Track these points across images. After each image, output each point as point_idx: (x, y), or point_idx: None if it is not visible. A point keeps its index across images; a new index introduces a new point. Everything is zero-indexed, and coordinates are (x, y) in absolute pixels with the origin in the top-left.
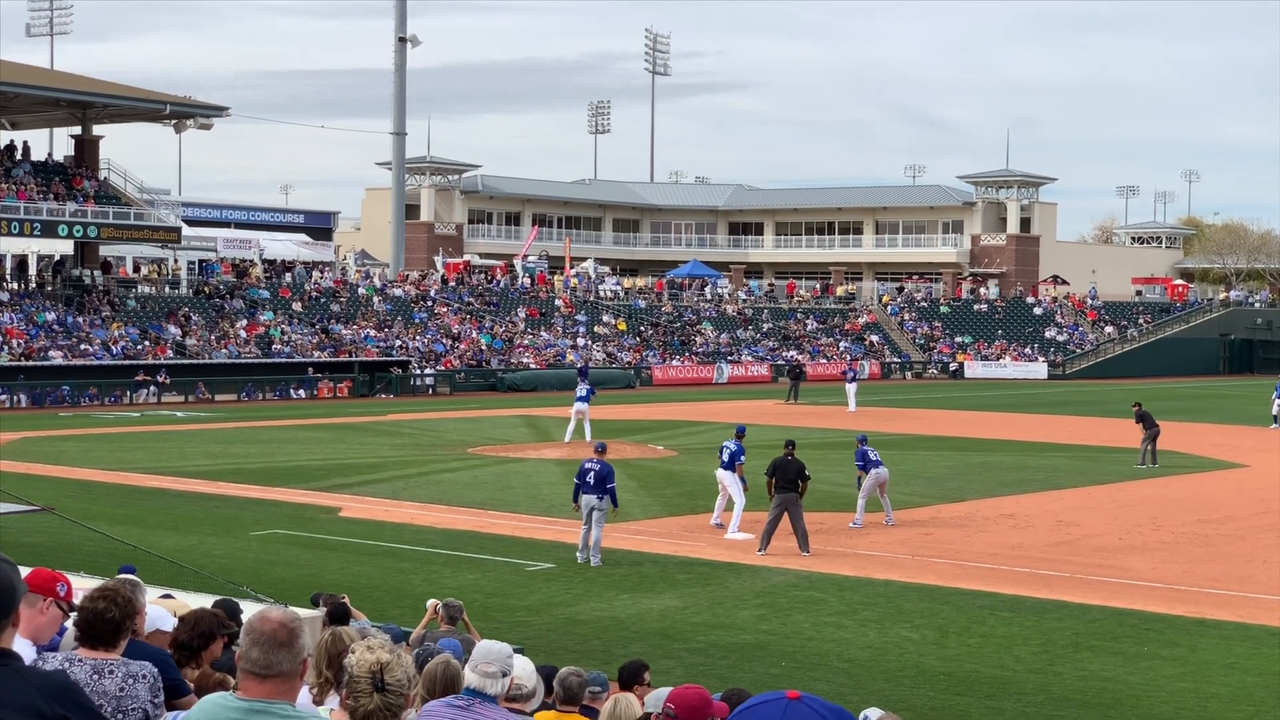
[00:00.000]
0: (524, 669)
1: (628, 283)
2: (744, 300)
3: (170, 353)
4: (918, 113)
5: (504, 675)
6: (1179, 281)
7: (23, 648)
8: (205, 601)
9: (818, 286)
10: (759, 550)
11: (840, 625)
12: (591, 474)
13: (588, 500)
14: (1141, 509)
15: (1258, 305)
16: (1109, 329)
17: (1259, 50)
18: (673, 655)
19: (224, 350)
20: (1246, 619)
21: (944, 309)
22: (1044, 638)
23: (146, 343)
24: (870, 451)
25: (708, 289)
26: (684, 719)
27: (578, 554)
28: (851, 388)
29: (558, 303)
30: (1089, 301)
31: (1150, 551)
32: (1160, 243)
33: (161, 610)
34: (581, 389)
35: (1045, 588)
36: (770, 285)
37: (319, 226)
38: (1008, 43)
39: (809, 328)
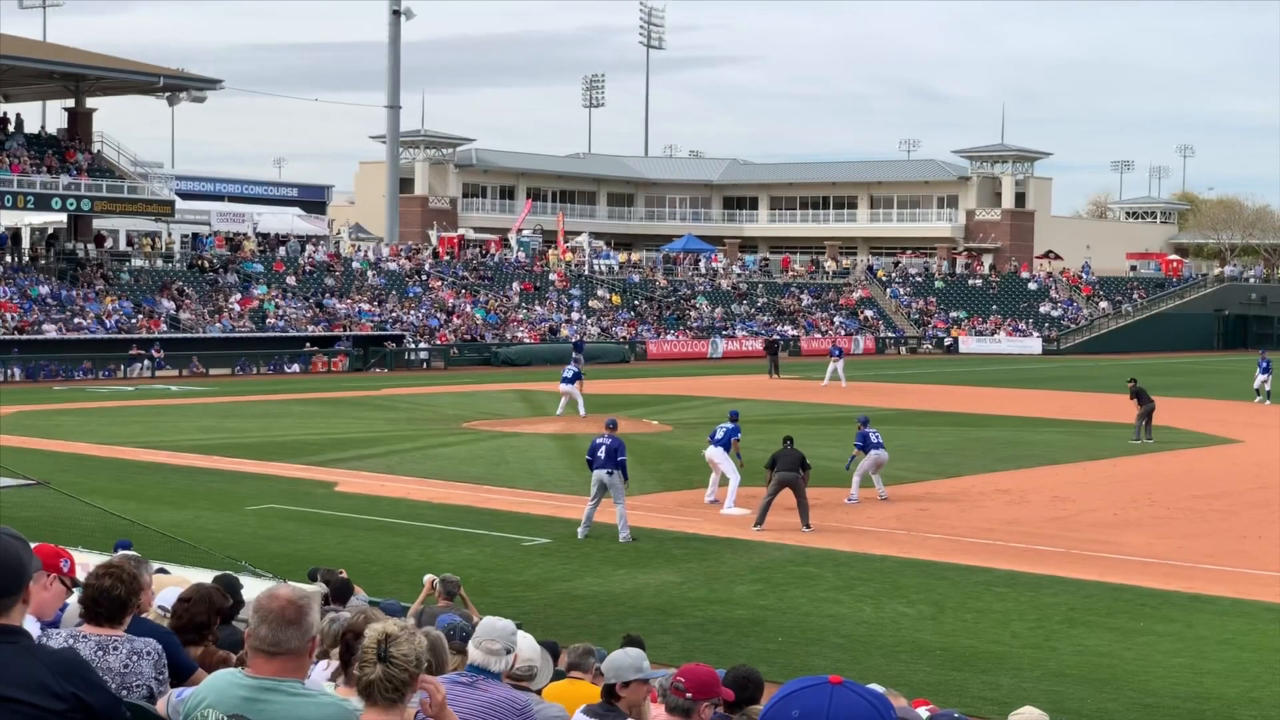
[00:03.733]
0: (530, 646)
1: (623, 257)
2: (738, 275)
3: (164, 326)
4: (915, 86)
5: (508, 652)
6: (1173, 257)
7: (28, 624)
8: (204, 577)
9: (812, 261)
10: (755, 525)
11: (837, 601)
12: (603, 448)
13: (598, 475)
14: (1137, 485)
15: (1252, 281)
16: (1103, 304)
17: (1256, 24)
18: (670, 631)
19: (218, 324)
20: (1242, 595)
21: (938, 284)
22: (1040, 613)
23: (140, 316)
24: (872, 433)
25: (702, 263)
26: (694, 694)
27: (579, 530)
28: (839, 364)
29: (552, 277)
30: (1083, 277)
31: (1146, 527)
32: (1155, 218)
33: (176, 590)
34: (568, 370)
35: (1041, 563)
36: (765, 260)
37: (313, 200)
38: (1006, 16)
39: (803, 303)
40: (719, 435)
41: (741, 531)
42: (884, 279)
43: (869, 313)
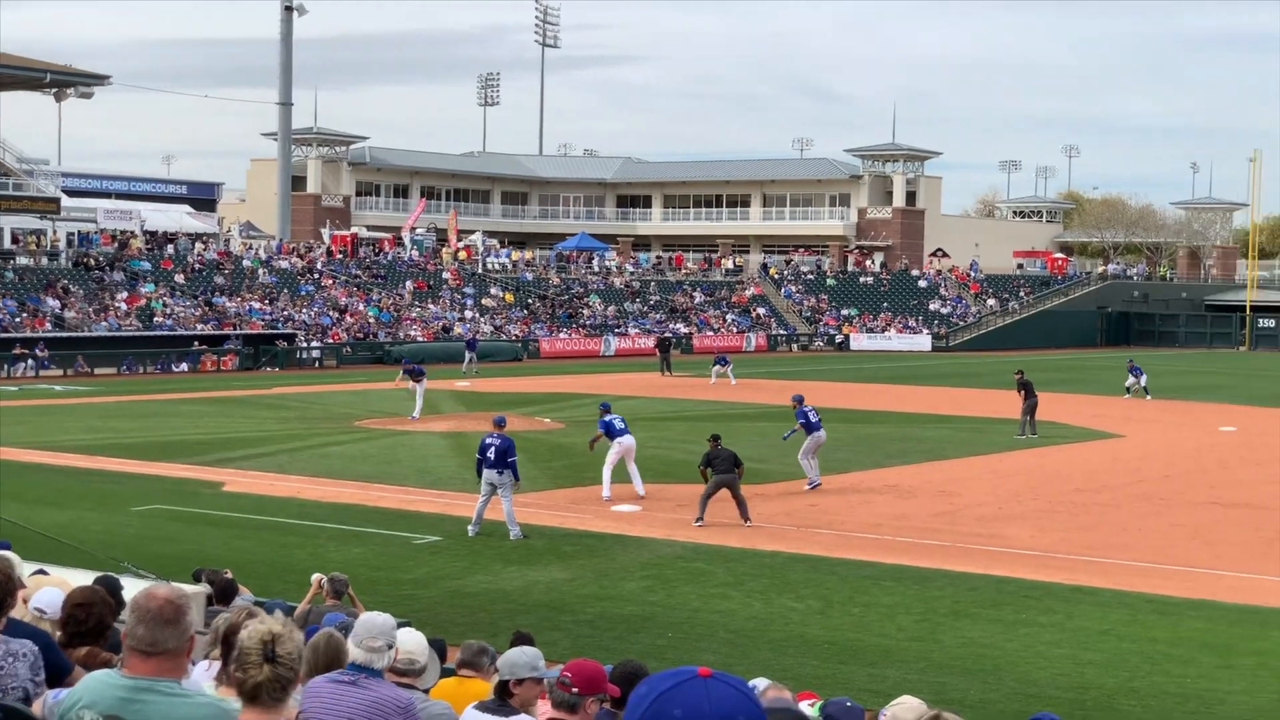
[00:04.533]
0: (417, 644)
1: (516, 255)
2: (632, 273)
3: (49, 325)
4: (809, 86)
5: (389, 649)
6: (1059, 255)
7: None
8: (85, 578)
9: (705, 259)
10: (697, 520)
11: (726, 596)
12: (492, 449)
13: (488, 475)
14: (1021, 479)
15: (1135, 279)
16: (991, 301)
17: (1143, 27)
18: (560, 627)
19: (104, 323)
20: (1123, 586)
21: (830, 281)
22: (925, 606)
23: (24, 315)
24: (811, 412)
25: (595, 261)
26: (580, 689)
27: (469, 528)
28: (727, 369)
29: (445, 275)
30: (972, 274)
31: (1029, 520)
32: (1041, 217)
33: (55, 591)
34: (415, 369)
35: (927, 557)
36: (658, 258)
37: (202, 198)
38: (899, 17)
39: (696, 301)
40: (620, 424)
41: (632, 528)
42: (776, 277)
43: (761, 310)
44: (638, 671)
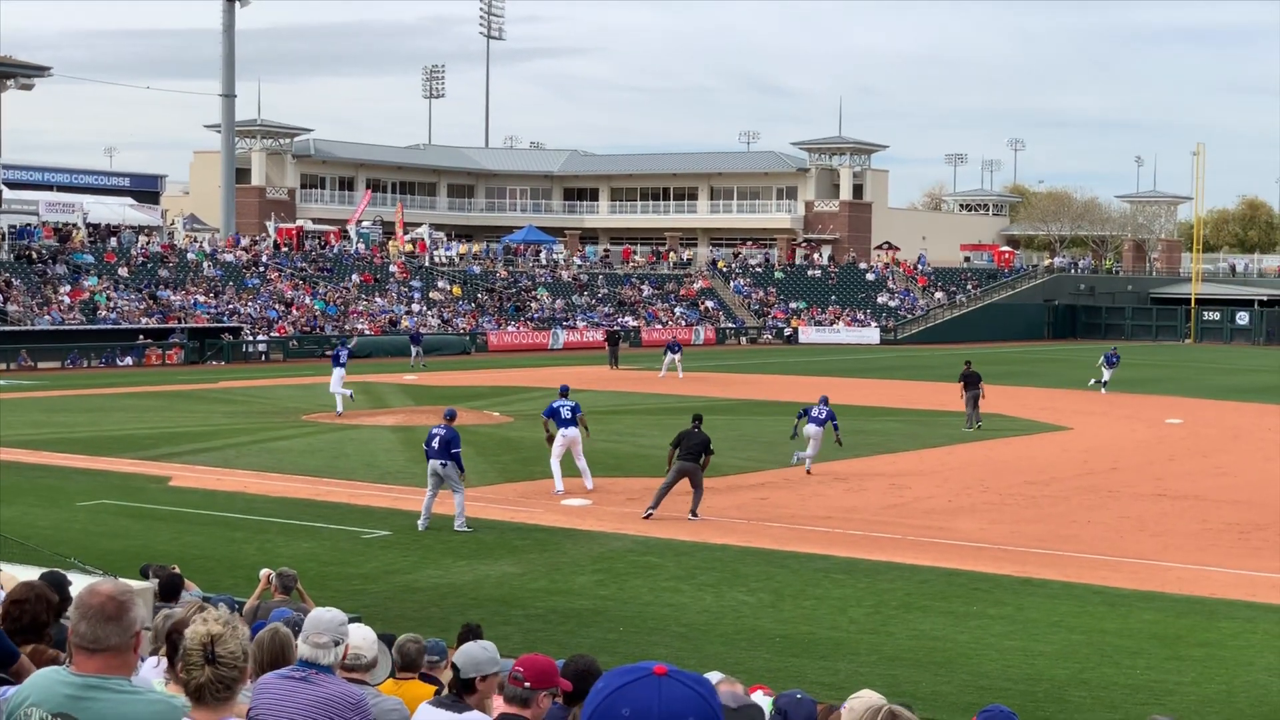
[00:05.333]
0: (364, 638)
1: (463, 248)
2: (579, 266)
3: None
4: (756, 79)
5: (336, 644)
6: (1005, 248)
7: None
8: (31, 574)
9: (653, 252)
10: (649, 510)
11: (677, 590)
12: (437, 439)
13: (432, 465)
14: (970, 471)
15: (1081, 272)
16: (939, 294)
17: (1088, 22)
18: (511, 621)
19: (47, 317)
20: (1071, 578)
21: (778, 274)
22: (877, 599)
23: None
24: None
25: (543, 255)
26: (532, 683)
27: (419, 521)
28: (676, 357)
29: (392, 268)
30: (919, 267)
31: (979, 513)
32: (987, 210)
33: None
34: (343, 354)
35: (878, 550)
36: (606, 251)
37: (146, 190)
38: (847, 10)
39: (644, 294)
40: (566, 414)
41: (583, 522)
42: (724, 270)
43: (709, 303)
44: (589, 666)
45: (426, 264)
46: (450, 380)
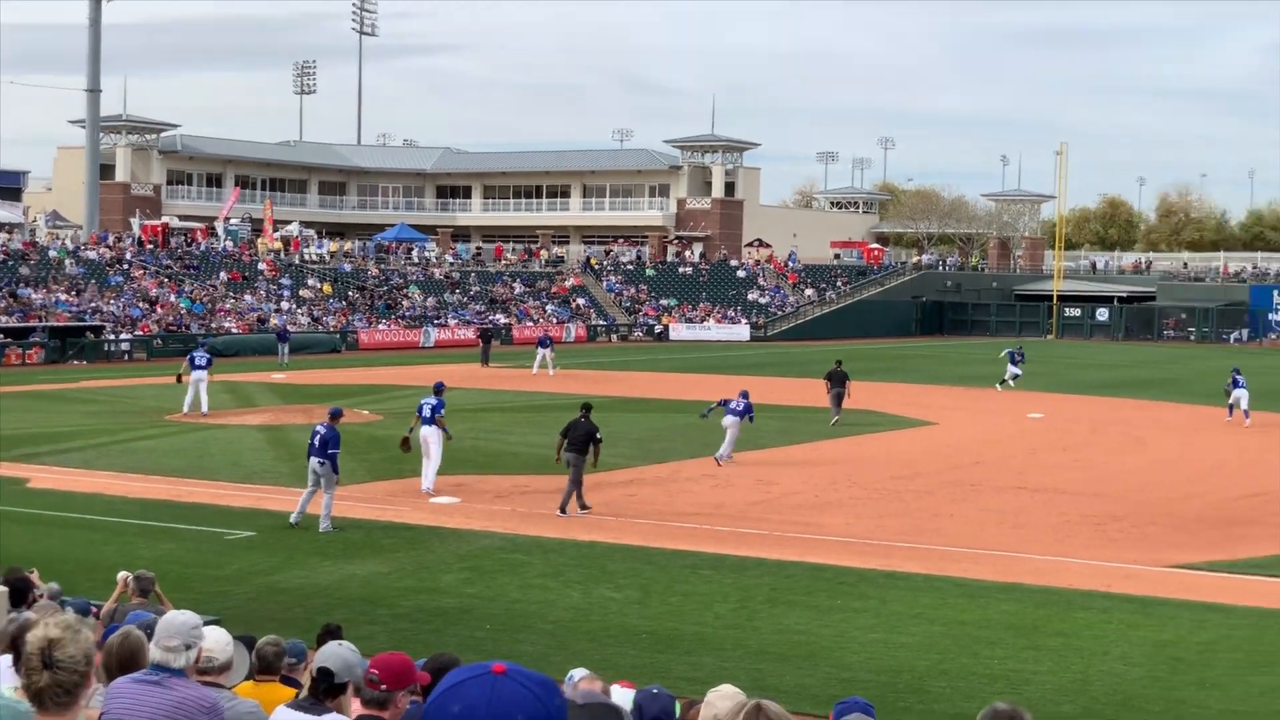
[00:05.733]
0: (217, 641)
1: (334, 246)
2: (451, 264)
3: None
4: (630, 77)
5: (189, 648)
6: (875, 245)
7: None
8: None
9: (525, 250)
10: (581, 511)
11: (545, 587)
12: (318, 437)
13: (311, 463)
14: (837, 467)
15: (948, 269)
16: (809, 291)
17: (958, 23)
18: (377, 621)
19: None
20: (934, 571)
21: (650, 272)
22: (743, 594)
23: None
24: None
25: (415, 252)
26: (389, 685)
27: (291, 515)
28: (548, 353)
29: (261, 266)
30: (790, 265)
31: (845, 507)
32: (857, 208)
33: None
34: (201, 357)
35: (745, 545)
36: (478, 249)
37: (8, 186)
38: (720, 9)
39: (516, 291)
40: (425, 413)
41: (450, 520)
42: (596, 267)
43: (581, 301)
44: (450, 664)
45: (296, 262)
46: (320, 379)
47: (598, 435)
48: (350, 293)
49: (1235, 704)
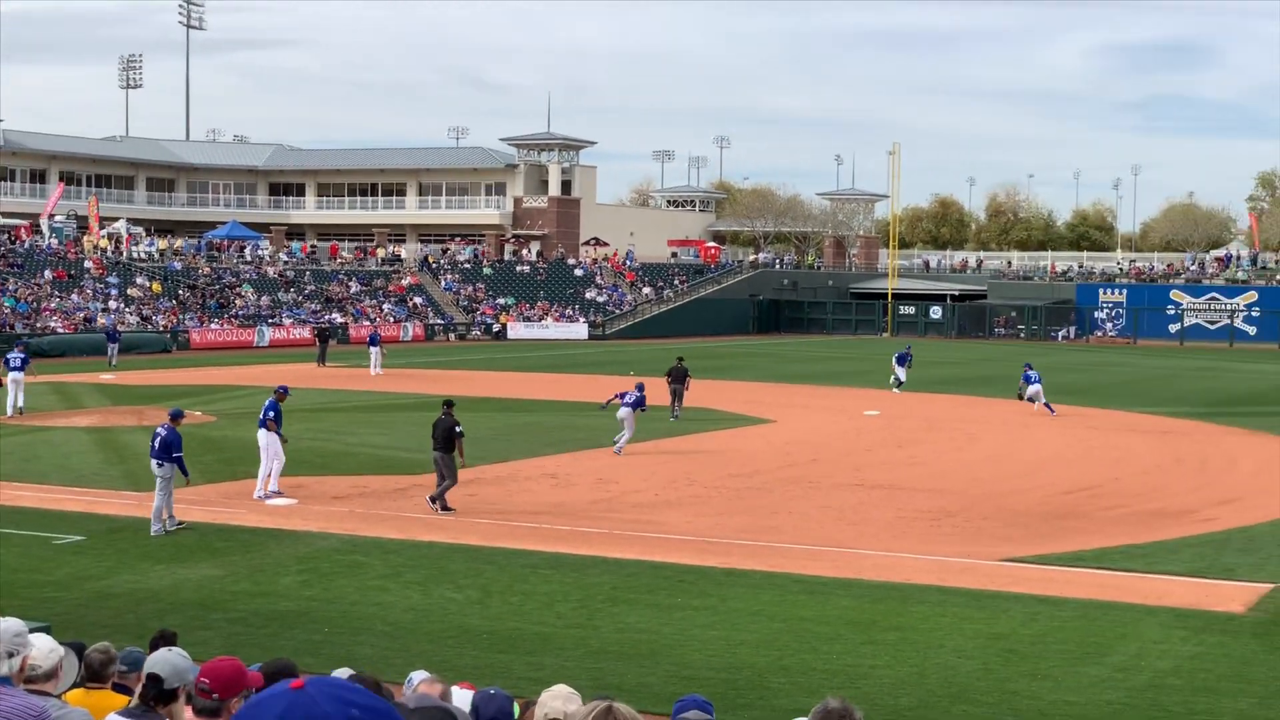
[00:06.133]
0: (42, 648)
1: (163, 243)
2: (285, 262)
3: None
4: (467, 75)
5: (11, 656)
6: (712, 244)
7: None
8: None
9: (360, 248)
10: (437, 503)
11: (384, 589)
12: (158, 439)
13: (152, 466)
14: (677, 465)
15: (784, 267)
16: (646, 290)
17: (794, 25)
18: (211, 626)
19: None
20: (773, 568)
21: (487, 270)
22: (584, 593)
23: None
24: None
25: (248, 250)
26: (219, 692)
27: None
28: (377, 351)
29: (87, 264)
30: (627, 263)
31: (685, 506)
32: (694, 206)
33: None
34: (15, 358)
35: (585, 544)
36: (312, 247)
37: None
38: (558, 7)
39: (352, 290)
40: (261, 416)
41: (287, 522)
42: (433, 266)
43: (418, 300)
44: (285, 669)
45: (124, 260)
46: (150, 379)
47: (458, 429)
48: (181, 292)
49: (1066, 694)
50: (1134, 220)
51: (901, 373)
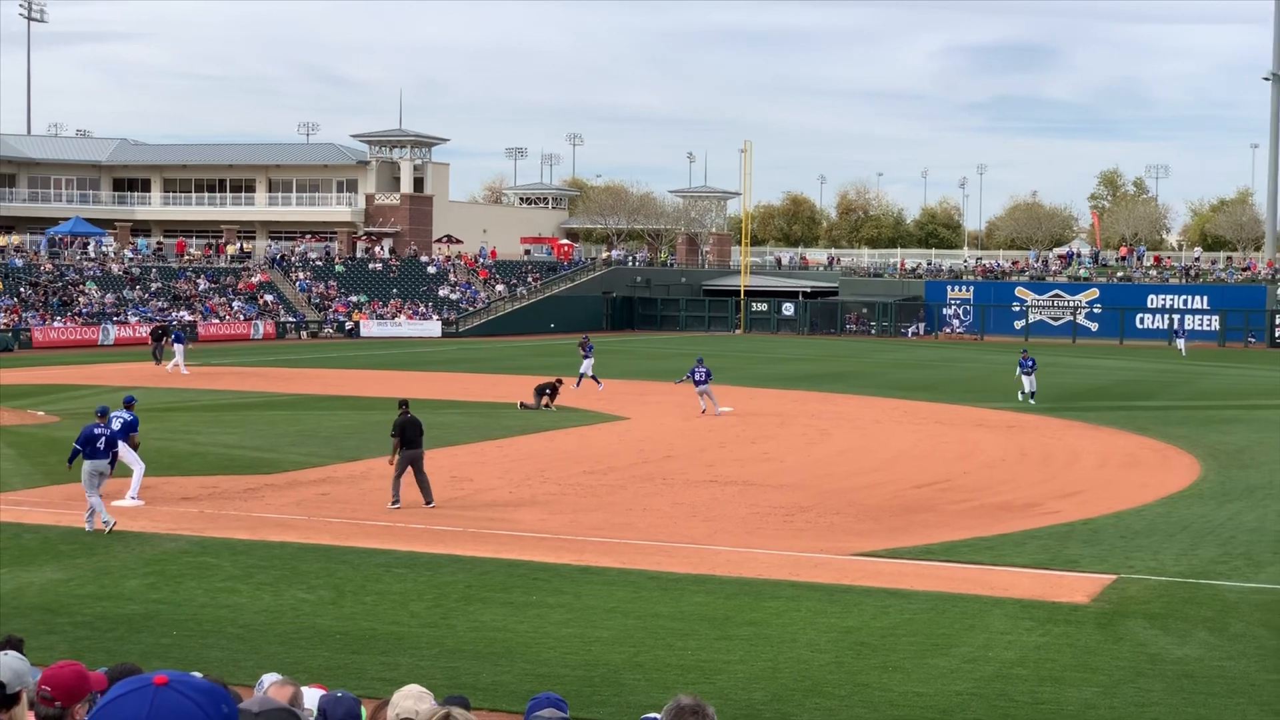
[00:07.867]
0: None
1: (2, 240)
2: (131, 259)
3: None
4: (318, 70)
5: None
6: (565, 241)
7: None
8: None
9: (209, 245)
10: (392, 504)
11: (234, 590)
12: (102, 440)
13: (89, 466)
14: (531, 462)
15: (637, 264)
16: (500, 287)
17: (648, 23)
18: (56, 630)
19: None
20: (627, 565)
21: (339, 268)
22: (438, 592)
23: None
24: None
25: (91, 247)
26: (61, 700)
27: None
28: (179, 349)
29: None
30: (480, 260)
31: (539, 503)
32: (547, 203)
33: None
34: None
35: (439, 543)
36: (159, 244)
37: None
38: (412, 3)
39: (201, 287)
40: (117, 427)
41: (134, 524)
42: (284, 263)
43: (269, 297)
44: (132, 673)
45: None
46: None
47: (421, 427)
48: (22, 289)
49: (916, 685)
50: (980, 218)
51: (1028, 382)
